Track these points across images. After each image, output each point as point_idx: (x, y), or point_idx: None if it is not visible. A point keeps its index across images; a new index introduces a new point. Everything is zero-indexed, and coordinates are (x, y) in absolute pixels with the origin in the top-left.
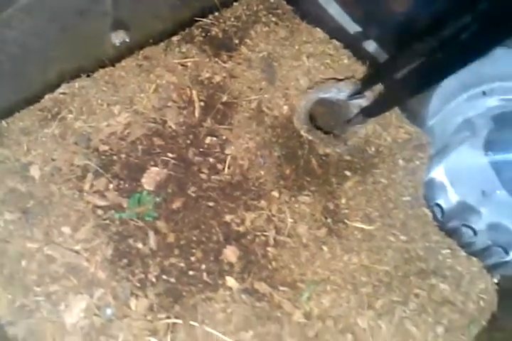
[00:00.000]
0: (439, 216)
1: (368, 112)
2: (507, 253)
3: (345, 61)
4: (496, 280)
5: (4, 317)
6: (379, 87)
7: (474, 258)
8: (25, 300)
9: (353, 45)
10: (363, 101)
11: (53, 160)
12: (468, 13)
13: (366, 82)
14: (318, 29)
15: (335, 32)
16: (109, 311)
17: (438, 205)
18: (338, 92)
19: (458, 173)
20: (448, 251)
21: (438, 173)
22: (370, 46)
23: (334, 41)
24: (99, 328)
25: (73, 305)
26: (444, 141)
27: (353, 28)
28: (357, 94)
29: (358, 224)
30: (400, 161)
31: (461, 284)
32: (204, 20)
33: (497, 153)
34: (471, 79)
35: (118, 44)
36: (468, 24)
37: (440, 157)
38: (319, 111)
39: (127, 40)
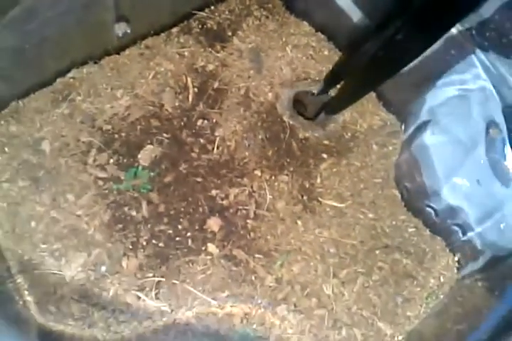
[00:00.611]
0: (405, 197)
1: (328, 109)
2: (464, 234)
3: (326, 53)
4: (456, 259)
5: (14, 267)
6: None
7: (438, 237)
8: (32, 254)
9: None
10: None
11: (62, 136)
12: (402, 15)
13: (328, 81)
14: (305, 22)
15: (319, 25)
16: (103, 268)
17: (405, 187)
18: (311, 85)
19: (422, 157)
20: (414, 229)
21: (406, 156)
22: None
23: (319, 34)
24: (94, 281)
25: (72, 261)
26: (413, 127)
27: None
28: (323, 93)
29: (331, 202)
30: (374, 146)
31: (423, 260)
32: (201, 13)
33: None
34: (435, 72)
35: (120, 35)
36: (402, 25)
37: (409, 142)
38: (302, 99)
39: (129, 31)
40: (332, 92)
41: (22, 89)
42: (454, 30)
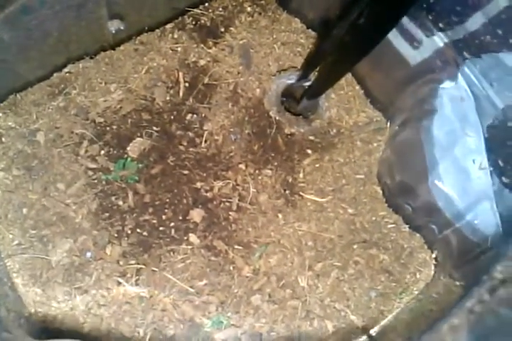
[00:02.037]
0: (386, 193)
1: (308, 94)
2: (440, 231)
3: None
4: (434, 255)
5: (4, 251)
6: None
7: (417, 234)
8: (22, 239)
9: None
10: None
11: (57, 128)
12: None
13: (306, 67)
14: (296, 19)
15: (311, 22)
16: (88, 254)
17: (386, 183)
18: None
19: (401, 154)
20: (393, 225)
21: (388, 153)
22: None
23: (309, 31)
24: (78, 266)
25: (59, 247)
26: (397, 124)
27: None
28: (303, 78)
29: (312, 197)
30: (358, 142)
31: (401, 256)
32: (195, 10)
33: None
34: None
35: (114, 31)
36: (363, 9)
37: (392, 139)
38: (289, 95)
39: (122, 28)
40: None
41: (20, 83)
42: (440, 43)
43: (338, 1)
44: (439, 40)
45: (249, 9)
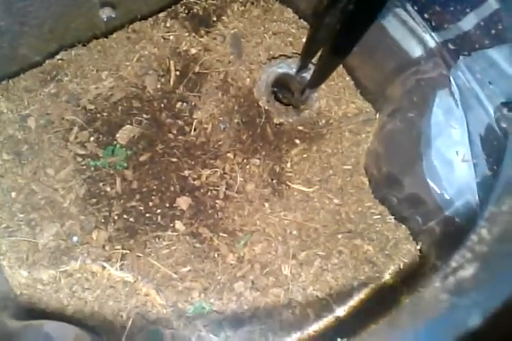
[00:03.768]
0: (373, 184)
1: (311, 84)
2: (425, 223)
3: (304, 40)
4: (418, 247)
5: None
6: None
7: (403, 226)
8: (10, 223)
9: None
10: (308, 75)
11: (48, 114)
12: None
13: (304, 57)
14: (289, 9)
15: (303, 12)
16: (75, 238)
17: (372, 174)
18: (290, 68)
19: (387, 145)
20: (378, 216)
21: (375, 145)
22: None
23: (301, 21)
24: (64, 250)
25: (46, 230)
26: (385, 115)
27: None
28: (302, 68)
29: (299, 187)
30: (347, 133)
31: (385, 248)
32: None
33: None
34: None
35: (105, 19)
36: None
37: (380, 130)
38: (280, 85)
39: (113, 16)
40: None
41: (13, 69)
42: (432, 43)
43: None
44: (431, 37)
45: None
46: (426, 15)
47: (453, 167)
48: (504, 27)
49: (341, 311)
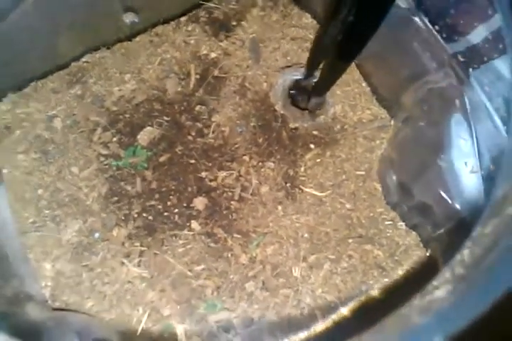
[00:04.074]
0: (385, 190)
1: (315, 91)
2: (434, 232)
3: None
4: (428, 254)
5: (20, 228)
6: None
7: (414, 232)
8: (36, 218)
9: None
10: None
11: (73, 114)
12: None
13: (310, 65)
14: (307, 14)
15: (319, 17)
16: (96, 235)
17: (384, 181)
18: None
19: (399, 153)
20: (390, 222)
21: (388, 151)
22: None
23: (318, 26)
24: (85, 246)
25: (69, 226)
26: (399, 122)
27: None
28: (308, 76)
29: (311, 191)
30: (361, 139)
31: (395, 253)
32: (209, 3)
33: None
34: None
35: (129, 23)
36: (351, 7)
37: (393, 137)
38: (298, 88)
39: (136, 20)
40: None
41: (41, 71)
42: (443, 54)
43: None
44: (442, 48)
45: (261, 3)
46: (437, 27)
47: (461, 178)
48: (508, 43)
49: (349, 314)
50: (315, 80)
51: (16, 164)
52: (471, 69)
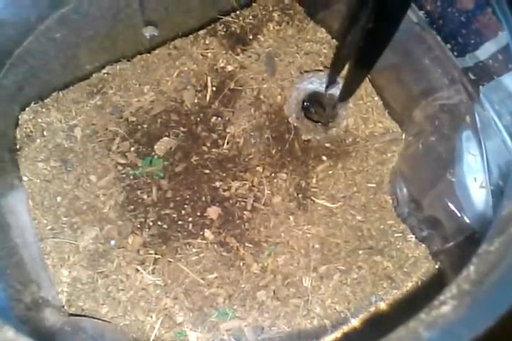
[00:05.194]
0: (395, 203)
1: (341, 97)
2: (443, 245)
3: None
4: (437, 266)
5: (39, 234)
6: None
7: (423, 245)
8: (54, 225)
9: None
10: (336, 91)
11: (93, 124)
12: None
13: (332, 72)
14: (322, 29)
15: (334, 32)
16: (112, 242)
17: (395, 194)
18: (321, 83)
19: (410, 167)
20: (400, 235)
21: (399, 164)
22: None
23: (333, 41)
24: (101, 253)
25: (86, 234)
26: (411, 136)
27: None
28: (331, 83)
29: (323, 202)
30: (372, 152)
31: (404, 265)
32: (227, 18)
33: None
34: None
35: (148, 37)
36: (369, 14)
37: (404, 150)
38: (313, 101)
39: (156, 34)
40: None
41: (63, 82)
42: (454, 71)
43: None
44: (453, 65)
45: (277, 18)
46: (449, 46)
47: (471, 193)
48: None
49: (358, 324)
50: (332, 92)
51: (36, 172)
52: (481, 87)
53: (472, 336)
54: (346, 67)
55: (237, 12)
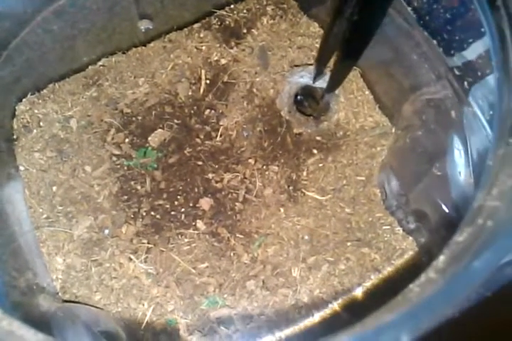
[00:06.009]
0: (384, 196)
1: (328, 88)
2: (430, 237)
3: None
4: (423, 259)
5: (34, 223)
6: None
7: (410, 237)
8: (50, 214)
9: None
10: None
11: (88, 116)
12: None
13: (318, 63)
14: (315, 23)
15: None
16: (106, 231)
17: (383, 187)
18: (311, 77)
19: (397, 160)
20: (388, 227)
21: (388, 158)
22: None
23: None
24: (95, 241)
25: (81, 223)
26: (399, 130)
27: None
28: (318, 74)
29: (313, 194)
30: (362, 146)
31: (392, 257)
32: (221, 11)
33: None
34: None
35: (144, 30)
36: (354, 7)
37: (393, 144)
38: (305, 94)
39: (151, 27)
40: None
41: (59, 74)
42: (442, 70)
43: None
44: (440, 61)
45: (271, 12)
46: (435, 42)
47: (456, 186)
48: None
49: (345, 314)
50: (322, 84)
51: (33, 162)
52: (466, 83)
53: (433, 321)
54: (333, 58)
55: (232, 6)
